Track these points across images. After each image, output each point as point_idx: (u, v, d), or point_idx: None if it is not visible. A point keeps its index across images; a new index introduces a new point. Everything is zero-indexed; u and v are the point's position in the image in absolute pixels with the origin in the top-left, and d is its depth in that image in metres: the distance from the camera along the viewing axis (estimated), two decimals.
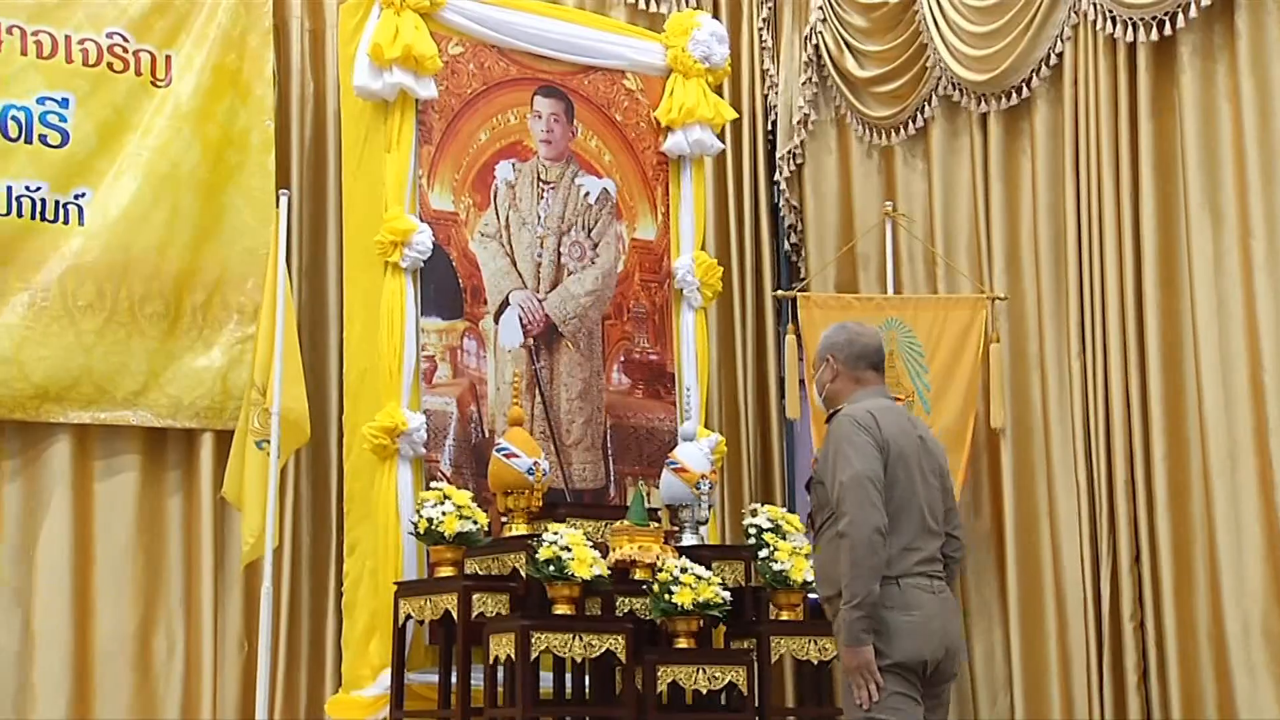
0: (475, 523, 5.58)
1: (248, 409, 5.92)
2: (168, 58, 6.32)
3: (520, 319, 6.30)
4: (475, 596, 5.40)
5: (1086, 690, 6.38)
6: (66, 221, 6.09)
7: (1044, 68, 6.78)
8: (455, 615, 5.38)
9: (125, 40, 6.25)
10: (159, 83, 6.30)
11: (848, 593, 4.08)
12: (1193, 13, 6.20)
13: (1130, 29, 6.40)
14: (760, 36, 7.70)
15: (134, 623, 6.14)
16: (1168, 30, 6.30)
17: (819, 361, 4.48)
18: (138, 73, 6.26)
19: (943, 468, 4.40)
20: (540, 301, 6.36)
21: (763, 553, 5.76)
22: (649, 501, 6.00)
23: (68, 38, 6.14)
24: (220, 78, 6.38)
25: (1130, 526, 6.33)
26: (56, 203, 6.08)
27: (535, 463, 5.67)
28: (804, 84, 7.52)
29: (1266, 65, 6.11)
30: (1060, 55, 6.73)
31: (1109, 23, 6.47)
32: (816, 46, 7.52)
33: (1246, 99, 6.14)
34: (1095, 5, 6.51)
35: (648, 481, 6.36)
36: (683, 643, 5.38)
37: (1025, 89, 6.86)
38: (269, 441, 5.81)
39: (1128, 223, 6.46)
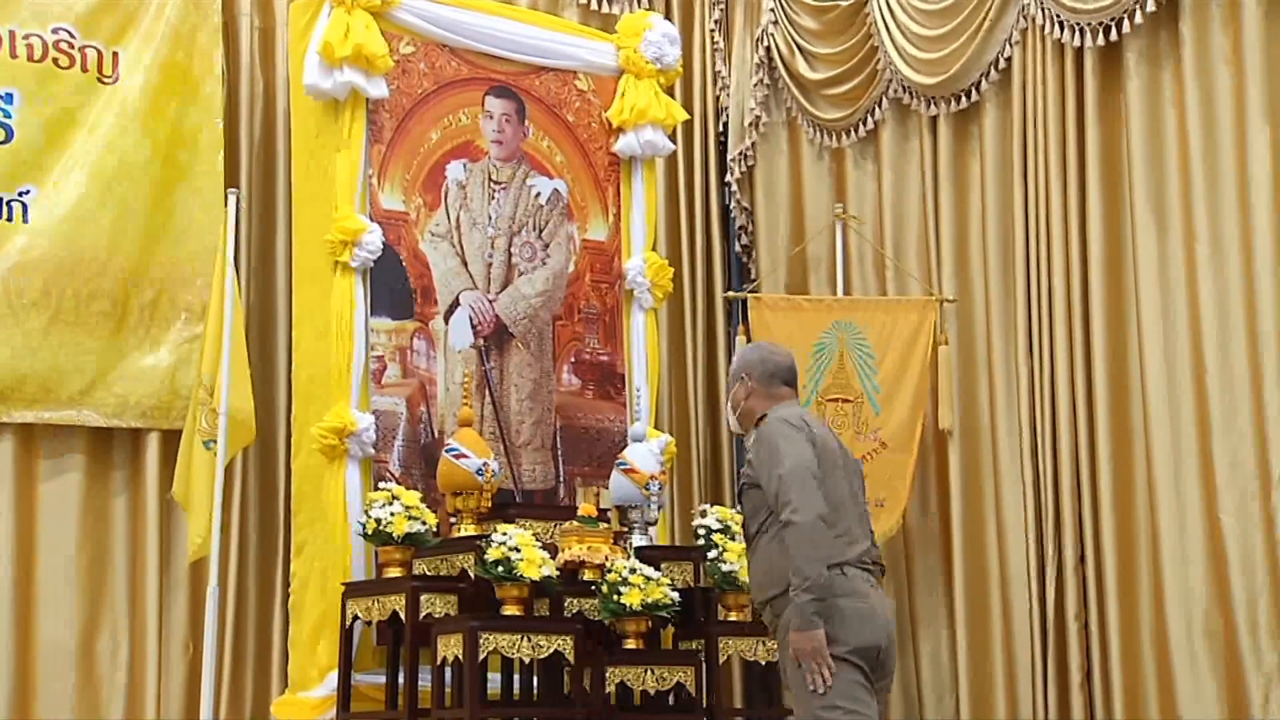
0: (424, 523, 5.57)
1: (195, 409, 5.90)
2: (115, 54, 6.27)
3: (471, 319, 6.28)
4: (423, 597, 5.39)
5: (1031, 690, 6.43)
6: (11, 219, 6.03)
7: (993, 71, 6.84)
8: (403, 616, 5.37)
9: (72, 36, 6.20)
10: (106, 79, 6.25)
11: (798, 577, 4.14)
12: (1138, 19, 6.27)
13: (1077, 34, 6.46)
14: (712, 38, 7.72)
15: (78, 624, 6.10)
16: (1114, 36, 6.36)
17: (734, 381, 4.62)
18: (84, 69, 6.21)
19: (862, 476, 4.54)
20: (491, 302, 6.35)
21: (712, 554, 5.78)
22: (599, 502, 6.00)
23: (12, 33, 6.08)
24: (169, 75, 6.34)
25: (1075, 527, 6.39)
26: (1, 200, 6.02)
27: (485, 463, 5.66)
28: (755, 86, 7.54)
29: (1210, 72, 6.18)
30: (1009, 59, 6.79)
31: (1057, 27, 6.52)
32: (768, 48, 7.54)
33: (1191, 105, 6.21)
34: (1043, 10, 6.56)
35: (597, 482, 6.36)
36: (631, 643, 5.39)
37: (974, 92, 6.91)
38: (217, 441, 5.78)
39: (1074, 226, 6.52)
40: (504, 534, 5.30)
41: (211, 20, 6.45)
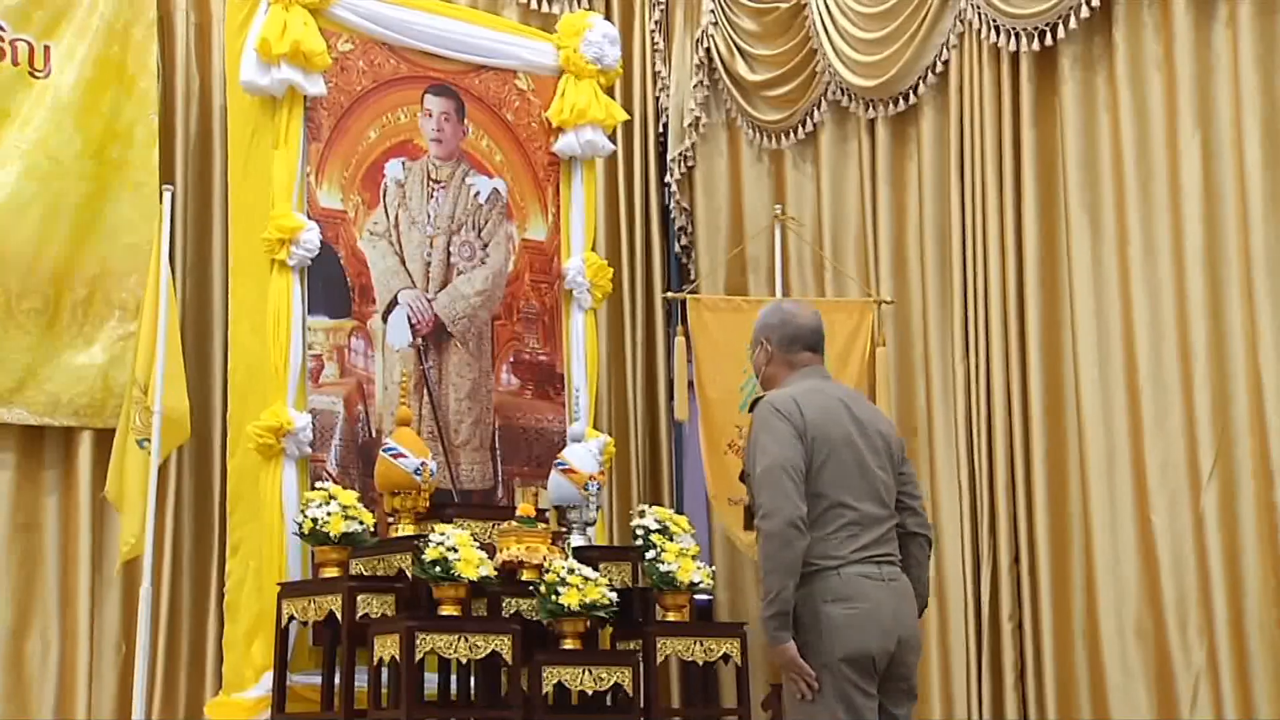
0: (361, 523, 5.53)
1: (129, 407, 5.84)
2: (46, 48, 6.20)
3: (409, 318, 6.26)
4: (360, 597, 5.36)
5: (966, 688, 6.48)
6: None
7: (930, 75, 6.89)
8: (340, 616, 5.34)
9: (1, 29, 6.12)
10: (38, 73, 6.18)
11: (761, 589, 3.94)
12: (1073, 24, 6.34)
13: (1013, 38, 6.53)
14: (652, 38, 7.73)
15: (8, 624, 6.03)
16: (1049, 41, 6.43)
17: (754, 344, 4.30)
18: (15, 62, 6.13)
19: (888, 441, 4.17)
20: (429, 301, 6.33)
21: (650, 554, 5.78)
22: (538, 502, 5.99)
23: None
24: (103, 70, 6.27)
25: (1010, 527, 6.45)
26: None
27: (423, 463, 5.64)
28: (695, 87, 7.56)
29: (1143, 78, 6.26)
30: (946, 63, 6.84)
31: (993, 32, 6.59)
32: (708, 50, 7.56)
33: (1124, 110, 6.29)
34: (980, 14, 6.63)
35: (536, 482, 6.34)
36: (569, 644, 5.38)
37: (912, 95, 6.96)
38: (151, 440, 5.73)
39: (1010, 228, 6.58)
40: (442, 534, 5.28)
41: (146, 15, 6.39)
